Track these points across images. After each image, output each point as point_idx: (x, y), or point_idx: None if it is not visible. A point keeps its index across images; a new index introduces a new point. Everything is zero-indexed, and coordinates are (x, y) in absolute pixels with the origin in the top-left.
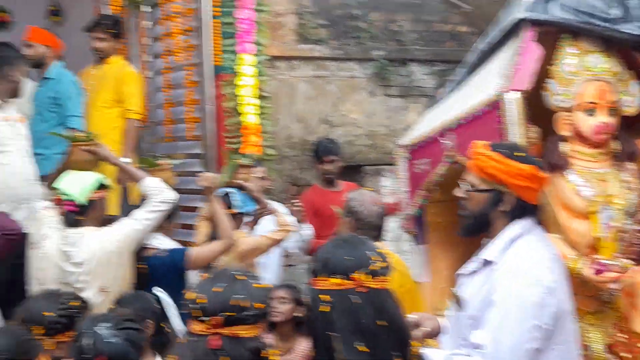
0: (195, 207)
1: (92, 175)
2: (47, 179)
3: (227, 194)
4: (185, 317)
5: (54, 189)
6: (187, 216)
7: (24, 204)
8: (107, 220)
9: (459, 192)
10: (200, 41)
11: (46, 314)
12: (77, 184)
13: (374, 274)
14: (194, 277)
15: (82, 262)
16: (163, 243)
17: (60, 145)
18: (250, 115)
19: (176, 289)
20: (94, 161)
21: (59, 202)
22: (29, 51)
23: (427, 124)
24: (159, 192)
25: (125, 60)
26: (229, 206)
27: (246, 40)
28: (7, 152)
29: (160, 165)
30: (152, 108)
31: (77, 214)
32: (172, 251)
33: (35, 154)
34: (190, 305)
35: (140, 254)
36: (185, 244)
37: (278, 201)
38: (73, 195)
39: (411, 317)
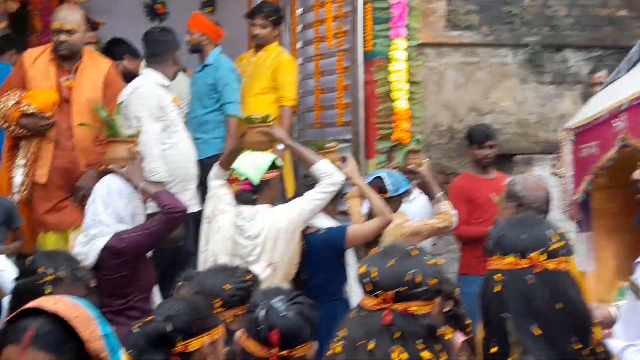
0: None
1: (267, 156)
2: (216, 160)
3: (378, 177)
4: None
5: (231, 169)
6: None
7: (192, 183)
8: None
9: (637, 175)
10: (352, 26)
11: (226, 287)
12: (253, 165)
13: (552, 254)
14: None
15: (254, 235)
16: (324, 223)
17: (219, 130)
18: (401, 101)
19: (334, 266)
20: (269, 142)
21: (234, 181)
22: (189, 38)
23: (595, 107)
24: (329, 174)
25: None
26: (381, 190)
27: (399, 24)
28: (176, 132)
29: (327, 148)
30: (302, 95)
31: (251, 193)
32: (331, 229)
33: (195, 139)
34: (362, 279)
35: (301, 232)
36: None
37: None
38: (248, 174)
39: None
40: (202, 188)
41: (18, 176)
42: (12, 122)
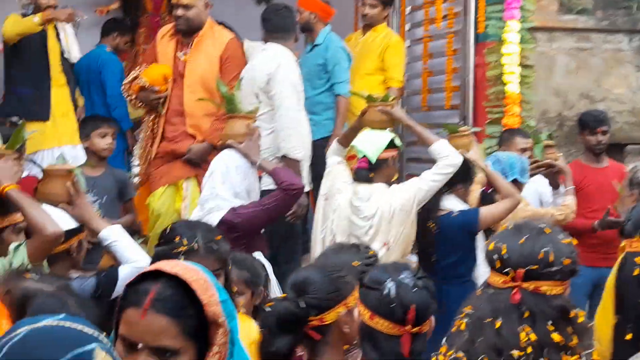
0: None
1: (385, 135)
2: (327, 142)
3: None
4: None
5: (350, 146)
6: None
7: (305, 163)
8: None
9: None
10: (464, 8)
11: (355, 264)
12: (371, 143)
13: None
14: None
15: (370, 216)
16: (455, 206)
17: (330, 111)
18: (512, 85)
19: (466, 249)
20: (389, 121)
21: (352, 159)
22: (298, 17)
23: None
24: (446, 155)
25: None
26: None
27: (513, 6)
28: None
29: (461, 132)
30: (410, 77)
31: (368, 171)
32: (464, 212)
33: None
34: (491, 256)
35: (432, 214)
36: None
37: None
38: (366, 152)
39: None
40: (313, 169)
41: (136, 149)
42: (132, 95)
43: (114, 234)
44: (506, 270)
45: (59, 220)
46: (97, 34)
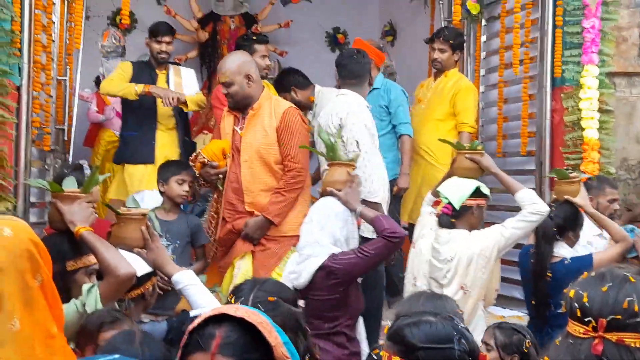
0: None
1: (471, 183)
2: (392, 184)
3: None
4: None
5: (437, 192)
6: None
7: (384, 206)
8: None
9: None
10: (540, 52)
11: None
12: (456, 190)
13: None
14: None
15: (448, 259)
16: (567, 252)
17: (393, 154)
18: (591, 130)
19: None
20: (477, 170)
21: (438, 204)
22: None
23: None
24: (531, 203)
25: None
26: None
27: (591, 50)
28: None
29: (571, 178)
30: (485, 123)
31: (451, 217)
32: (577, 258)
33: None
34: (571, 304)
35: (544, 262)
36: None
37: None
38: (450, 199)
39: None
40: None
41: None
42: (196, 172)
43: (186, 279)
44: (587, 319)
45: (134, 264)
46: None
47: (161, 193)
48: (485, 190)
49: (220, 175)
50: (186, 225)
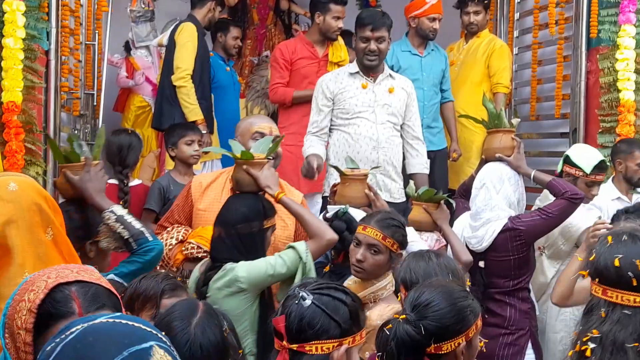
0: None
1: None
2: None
3: None
4: None
5: None
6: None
7: None
8: None
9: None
10: (576, 12)
11: None
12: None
13: None
14: None
15: None
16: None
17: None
18: (627, 92)
19: None
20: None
21: None
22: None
23: None
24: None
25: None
26: None
27: (629, 10)
28: None
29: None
30: (518, 85)
31: None
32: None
33: None
34: (622, 274)
35: None
36: None
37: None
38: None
39: None
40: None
41: None
42: (173, 265)
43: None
44: None
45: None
46: None
47: (172, 158)
48: None
49: None
50: None
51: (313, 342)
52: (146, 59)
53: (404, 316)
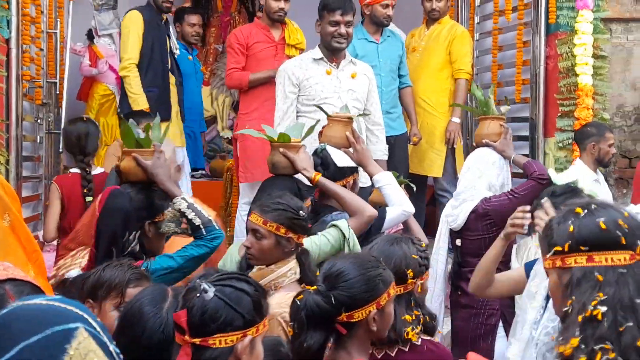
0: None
1: None
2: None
3: None
4: None
5: None
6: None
7: None
8: None
9: None
10: None
11: (414, 256)
12: None
13: None
14: None
15: None
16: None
17: (400, 106)
18: (585, 76)
19: None
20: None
21: None
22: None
23: None
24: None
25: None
26: None
27: None
28: None
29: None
30: (479, 71)
31: None
32: None
33: None
34: (608, 235)
35: None
36: None
37: (605, 174)
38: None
39: None
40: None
41: None
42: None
43: (385, 179)
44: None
45: (341, 159)
46: None
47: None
48: None
49: None
50: None
51: (217, 335)
52: (109, 47)
53: (314, 287)
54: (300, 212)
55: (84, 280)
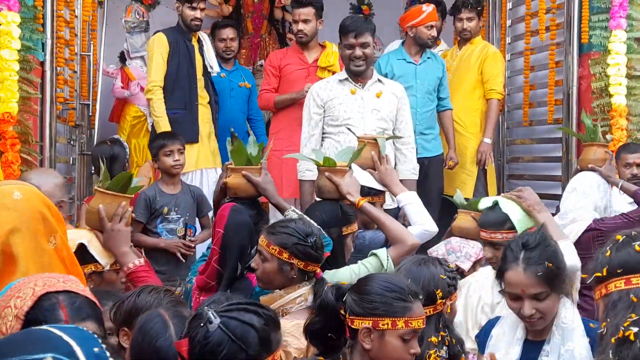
0: (555, 195)
1: None
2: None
3: None
4: None
5: None
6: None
7: None
8: None
9: None
10: (567, 18)
11: (442, 276)
12: None
13: None
14: None
15: None
16: None
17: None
18: (619, 97)
19: None
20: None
21: None
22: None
23: None
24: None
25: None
26: None
27: (619, 15)
28: None
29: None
30: (511, 92)
31: None
32: None
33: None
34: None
35: None
36: None
37: None
38: None
39: None
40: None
41: None
42: None
43: (408, 198)
44: None
45: (364, 179)
46: None
47: (159, 169)
48: None
49: None
50: (190, 196)
51: None
52: (141, 70)
53: (344, 282)
54: (309, 238)
55: (118, 306)
